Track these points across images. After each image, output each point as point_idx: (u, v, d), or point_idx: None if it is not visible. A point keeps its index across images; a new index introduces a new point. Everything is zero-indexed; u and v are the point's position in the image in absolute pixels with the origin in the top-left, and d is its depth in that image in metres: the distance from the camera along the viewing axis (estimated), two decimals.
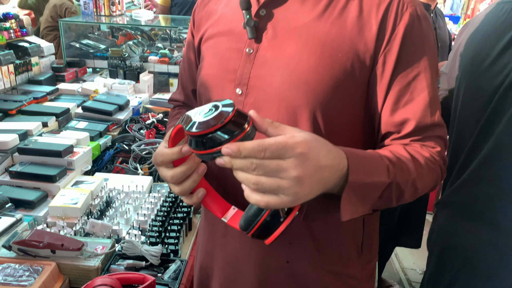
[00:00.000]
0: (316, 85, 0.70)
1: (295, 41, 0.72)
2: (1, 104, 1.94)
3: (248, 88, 0.75)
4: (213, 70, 0.82)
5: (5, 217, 1.25)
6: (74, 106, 2.06)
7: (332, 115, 0.72)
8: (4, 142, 1.57)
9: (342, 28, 0.70)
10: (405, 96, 0.71)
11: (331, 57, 0.70)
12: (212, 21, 0.86)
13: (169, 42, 3.03)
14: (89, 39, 2.81)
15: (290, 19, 0.74)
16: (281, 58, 0.73)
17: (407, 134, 0.72)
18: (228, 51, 0.79)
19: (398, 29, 0.69)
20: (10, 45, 2.29)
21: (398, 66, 0.70)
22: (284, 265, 0.82)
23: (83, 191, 1.41)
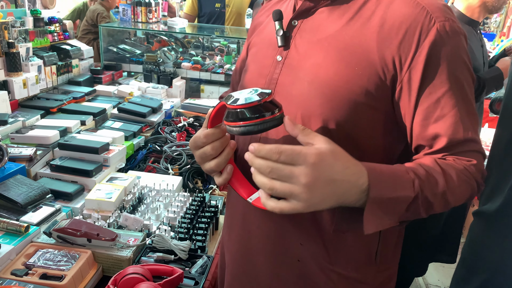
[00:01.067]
0: (332, 97, 0.72)
1: (318, 51, 0.75)
2: (44, 102, 2.05)
3: (274, 94, 0.79)
4: (250, 75, 0.88)
5: (45, 207, 1.33)
6: (110, 107, 2.15)
7: (347, 127, 0.73)
8: (46, 137, 1.66)
9: (362, 41, 0.71)
10: (435, 113, 0.70)
11: (348, 70, 0.71)
12: (258, 31, 0.93)
13: (201, 50, 3.12)
14: (125, 44, 2.93)
15: (316, 30, 0.77)
16: (304, 67, 0.76)
17: (439, 149, 0.72)
18: (264, 58, 0.85)
19: (423, 47, 0.68)
20: (53, 47, 2.42)
21: (424, 83, 0.69)
22: (296, 263, 0.85)
23: (117, 186, 1.48)
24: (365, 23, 0.72)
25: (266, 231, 0.86)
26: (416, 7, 0.70)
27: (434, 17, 0.69)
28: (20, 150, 1.56)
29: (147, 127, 2.06)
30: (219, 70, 2.65)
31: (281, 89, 0.79)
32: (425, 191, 0.67)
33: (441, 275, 2.78)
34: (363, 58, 0.71)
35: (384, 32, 0.70)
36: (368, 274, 0.87)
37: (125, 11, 2.89)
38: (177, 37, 3.17)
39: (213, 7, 3.14)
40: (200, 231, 1.31)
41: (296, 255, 0.85)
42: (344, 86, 0.72)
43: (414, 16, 0.69)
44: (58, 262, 1.11)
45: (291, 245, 0.85)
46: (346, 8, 0.76)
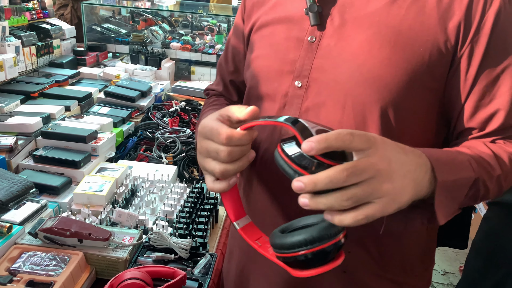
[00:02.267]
0: (390, 79, 0.63)
1: (365, 30, 0.65)
2: (23, 86, 1.90)
3: (309, 81, 0.69)
4: (268, 61, 0.75)
5: (30, 203, 1.21)
6: (96, 91, 2.01)
7: (406, 112, 0.65)
8: (27, 125, 1.53)
9: (419, 15, 0.63)
10: (492, 92, 0.64)
11: (406, 48, 0.63)
12: (267, 8, 0.78)
13: (190, 29, 2.97)
14: (110, 23, 2.75)
15: (359, 5, 0.67)
16: (349, 49, 0.66)
17: (490, 132, 0.65)
18: (286, 40, 0.72)
19: (488, 16, 0.62)
20: (31, 26, 2.25)
21: (486, 58, 0.63)
22: (341, 275, 0.76)
23: (108, 178, 1.37)
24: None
25: None
26: None
27: None
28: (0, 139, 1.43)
29: (137, 112, 1.93)
30: (211, 51, 2.51)
31: (320, 76, 0.68)
32: (483, 174, 0.60)
33: (437, 259, 2.77)
34: (424, 34, 0.62)
35: (444, 3, 0.62)
36: (417, 277, 0.80)
37: None
38: (164, 16, 3.01)
39: None
40: (200, 226, 1.21)
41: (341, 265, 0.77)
42: (404, 66, 0.62)
43: None
44: (46, 267, 1.00)
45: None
46: None
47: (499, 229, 1.13)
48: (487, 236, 1.19)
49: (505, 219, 1.11)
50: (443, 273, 2.62)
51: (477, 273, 1.18)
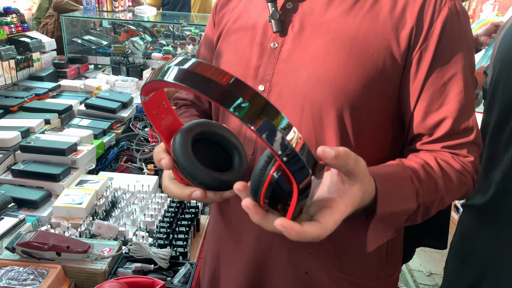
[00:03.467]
0: (345, 83, 0.65)
1: (323, 36, 0.68)
2: (2, 101, 1.89)
3: (272, 84, 0.71)
4: (234, 67, 0.77)
5: (8, 218, 1.21)
6: (77, 103, 2.01)
7: (361, 115, 0.67)
8: (6, 140, 1.52)
9: (373, 23, 0.66)
10: (440, 98, 0.66)
11: (361, 53, 0.65)
12: (233, 16, 0.81)
13: (172, 39, 2.98)
14: (91, 35, 2.76)
15: (318, 13, 0.69)
16: (308, 54, 0.68)
17: (439, 138, 0.68)
18: (250, 47, 0.75)
19: (436, 25, 0.65)
20: (11, 40, 2.24)
21: (433, 65, 0.65)
22: (303, 276, 0.78)
23: (87, 190, 1.37)
24: (373, 5, 0.67)
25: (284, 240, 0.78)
26: None
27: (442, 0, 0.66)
28: None
29: (118, 123, 1.94)
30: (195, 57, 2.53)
31: (281, 79, 0.70)
32: (426, 198, 0.63)
33: (422, 260, 2.80)
34: (378, 40, 0.65)
35: (397, 12, 0.65)
36: (380, 279, 0.82)
37: (89, 0, 2.71)
38: (145, 26, 3.02)
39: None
40: (181, 235, 1.22)
41: (304, 266, 0.78)
42: (359, 70, 0.65)
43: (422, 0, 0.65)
44: (24, 281, 1.00)
45: (299, 254, 0.77)
46: None
47: (470, 232, 1.15)
48: (461, 238, 1.21)
49: (476, 222, 1.14)
50: (429, 274, 2.65)
51: (454, 274, 1.20)
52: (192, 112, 0.91)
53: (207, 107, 0.96)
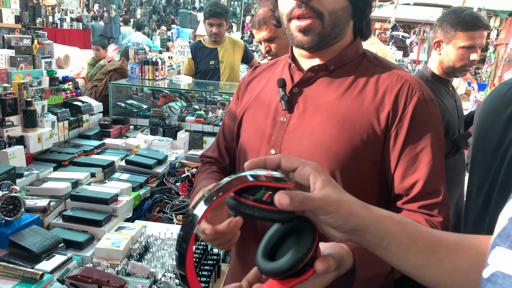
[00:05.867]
0: (337, 151, 0.85)
1: (321, 114, 0.88)
2: (56, 156, 2.18)
3: (281, 149, 0.91)
4: (252, 134, 0.99)
5: (58, 255, 1.42)
6: (118, 159, 2.28)
7: (350, 176, 0.85)
8: (59, 189, 1.77)
9: (360, 106, 0.86)
10: (413, 166, 0.83)
11: (350, 129, 0.85)
12: (254, 94, 1.04)
13: (204, 104, 3.30)
14: (133, 100, 3.10)
15: (317, 97, 0.91)
16: (308, 127, 0.89)
17: (413, 197, 0.83)
18: (265, 119, 0.96)
19: (408, 110, 0.84)
20: (65, 103, 2.58)
21: (407, 139, 0.84)
22: None
23: (125, 235, 1.57)
24: (360, 92, 0.88)
25: None
26: (400, 80, 0.87)
27: (415, 88, 0.86)
28: (35, 201, 1.66)
29: (153, 178, 2.17)
30: (221, 123, 2.80)
31: (288, 146, 0.91)
32: None
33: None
34: (363, 119, 0.85)
35: (378, 99, 0.86)
36: None
37: (133, 69, 3.09)
38: (181, 92, 3.36)
39: (208, 65, 3.37)
40: (203, 278, 1.39)
41: None
42: (348, 141, 0.85)
43: (399, 87, 0.86)
44: None
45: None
46: (342, 81, 0.91)
47: None
48: None
49: None
50: None
51: None
52: (213, 169, 1.11)
53: (227, 163, 1.16)
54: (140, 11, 14.21)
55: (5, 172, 1.67)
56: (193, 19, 9.74)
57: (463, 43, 1.87)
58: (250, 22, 13.53)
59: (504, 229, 0.41)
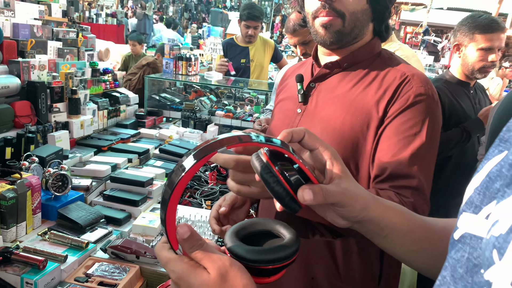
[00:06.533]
0: (341, 139, 0.95)
1: (330, 106, 1.00)
2: (96, 142, 2.35)
3: None
4: (277, 122, 1.12)
5: (100, 229, 1.57)
6: (153, 148, 2.43)
7: (350, 159, 0.95)
8: (100, 171, 1.94)
9: (365, 99, 0.96)
10: (395, 149, 0.90)
11: (356, 116, 0.95)
12: (284, 89, 1.18)
13: (233, 100, 3.43)
14: (166, 93, 3.27)
15: (330, 90, 1.02)
16: (321, 115, 1.00)
17: (387, 177, 0.90)
18: (287, 110, 1.09)
19: (403, 103, 0.92)
20: (105, 94, 2.76)
21: (400, 126, 0.91)
22: (310, 281, 1.02)
23: (159, 215, 1.71)
24: (367, 86, 0.98)
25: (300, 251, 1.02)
26: (402, 76, 0.96)
27: (413, 84, 0.94)
28: (79, 181, 1.83)
29: None
30: (249, 118, 2.93)
31: None
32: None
33: None
34: (365, 111, 0.95)
35: (380, 93, 0.96)
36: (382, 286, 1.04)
37: (168, 64, 3.25)
38: (212, 88, 3.51)
39: (239, 63, 3.50)
40: None
41: (311, 273, 1.04)
42: (349, 131, 0.95)
43: (399, 82, 0.95)
44: (112, 274, 1.33)
45: (307, 263, 1.04)
46: (353, 75, 1.01)
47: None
48: None
49: None
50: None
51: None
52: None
53: None
54: (172, 9, 14.53)
55: (54, 153, 1.84)
56: (224, 18, 9.92)
57: (481, 45, 1.96)
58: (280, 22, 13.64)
59: (470, 197, 0.50)
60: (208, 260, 0.53)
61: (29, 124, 1.98)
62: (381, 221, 0.66)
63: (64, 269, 1.31)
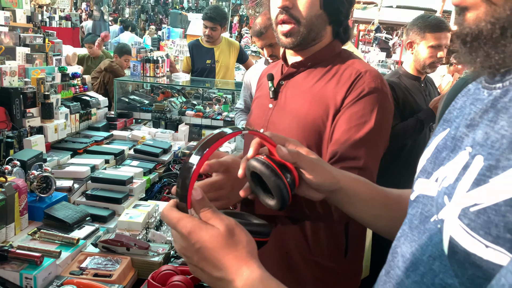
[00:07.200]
0: (306, 127, 1.09)
1: (298, 99, 1.13)
2: (71, 145, 2.39)
3: (268, 127, 1.18)
4: (254, 117, 1.27)
5: (87, 226, 1.64)
6: (127, 149, 2.50)
7: (313, 145, 1.09)
8: (80, 172, 1.99)
9: (325, 92, 1.10)
10: (346, 135, 1.03)
11: (317, 106, 1.09)
12: (260, 87, 1.32)
13: (201, 100, 3.53)
14: (135, 95, 3.32)
15: (297, 87, 1.16)
16: (289, 108, 1.14)
17: (337, 159, 1.02)
18: (262, 106, 1.24)
19: (355, 96, 1.05)
20: (75, 98, 2.79)
21: (353, 115, 1.04)
22: (285, 255, 1.16)
23: (142, 211, 1.80)
24: (327, 81, 1.12)
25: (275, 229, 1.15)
26: (357, 73, 1.09)
27: (365, 79, 1.08)
28: (61, 182, 1.88)
29: (160, 165, 2.40)
30: (218, 117, 3.05)
31: (272, 126, 1.16)
32: None
33: None
34: (326, 102, 1.09)
35: (338, 87, 1.09)
36: (340, 264, 1.19)
37: (135, 67, 3.30)
38: (179, 89, 3.59)
39: (205, 63, 3.60)
40: None
41: (285, 248, 1.18)
42: (312, 120, 1.09)
43: (354, 78, 1.08)
44: (106, 265, 1.42)
45: (281, 239, 1.16)
46: (317, 72, 1.15)
47: None
48: None
49: None
50: None
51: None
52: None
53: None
54: (128, 10, 14.32)
55: (34, 156, 1.88)
56: (184, 19, 9.93)
57: (431, 43, 2.21)
58: (238, 22, 13.78)
59: (423, 166, 0.65)
60: (217, 218, 0.61)
61: (5, 130, 2.01)
62: (348, 190, 0.80)
63: (59, 264, 1.38)
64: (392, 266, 0.64)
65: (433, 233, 0.57)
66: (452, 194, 0.53)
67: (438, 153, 0.63)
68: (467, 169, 0.51)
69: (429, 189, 0.62)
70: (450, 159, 0.58)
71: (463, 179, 0.51)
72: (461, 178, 0.51)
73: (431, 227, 0.58)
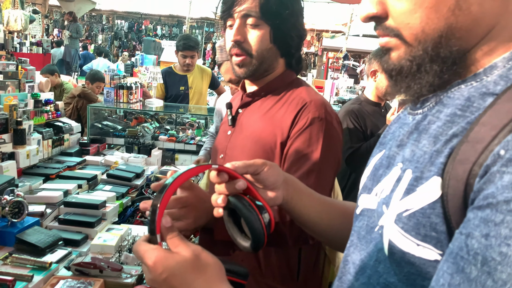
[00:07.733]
0: (259, 151, 1.15)
1: (252, 126, 1.20)
2: (43, 170, 2.40)
3: (225, 153, 1.25)
4: (216, 142, 1.34)
5: (60, 250, 1.66)
6: (100, 174, 2.52)
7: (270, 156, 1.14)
8: (53, 197, 2.01)
9: (276, 119, 1.16)
10: (295, 165, 1.09)
11: (268, 134, 1.15)
12: (224, 116, 1.40)
13: (174, 125, 3.59)
14: (108, 121, 3.35)
15: (253, 113, 1.23)
16: (243, 136, 1.21)
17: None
18: (223, 132, 1.31)
19: (300, 126, 1.11)
20: (48, 124, 2.80)
21: (301, 145, 1.10)
22: None
23: (115, 234, 1.83)
24: (279, 109, 1.18)
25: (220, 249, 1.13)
26: (302, 103, 1.15)
27: (310, 109, 1.12)
28: (33, 207, 1.89)
29: (133, 189, 2.43)
30: (191, 142, 3.11)
31: (229, 151, 1.23)
32: None
33: None
34: (277, 128, 1.15)
35: (287, 115, 1.15)
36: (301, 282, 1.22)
37: (109, 93, 3.35)
38: (152, 115, 3.64)
39: (178, 90, 3.68)
40: None
41: None
42: (265, 144, 1.16)
43: (300, 108, 1.14)
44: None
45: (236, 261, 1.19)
46: (271, 100, 1.21)
47: None
48: None
49: None
50: None
51: None
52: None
53: None
54: (101, 37, 14.35)
55: (6, 182, 1.89)
56: (157, 46, 10.05)
57: None
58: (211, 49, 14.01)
59: (365, 183, 0.74)
60: (184, 244, 0.63)
61: None
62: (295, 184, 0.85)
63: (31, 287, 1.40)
64: (344, 272, 0.72)
65: (378, 241, 0.65)
66: (389, 203, 0.62)
67: (376, 171, 0.73)
68: (400, 181, 0.60)
69: (371, 203, 0.71)
70: (385, 174, 0.67)
71: (397, 190, 0.60)
72: (395, 189, 0.61)
73: (376, 236, 0.67)
